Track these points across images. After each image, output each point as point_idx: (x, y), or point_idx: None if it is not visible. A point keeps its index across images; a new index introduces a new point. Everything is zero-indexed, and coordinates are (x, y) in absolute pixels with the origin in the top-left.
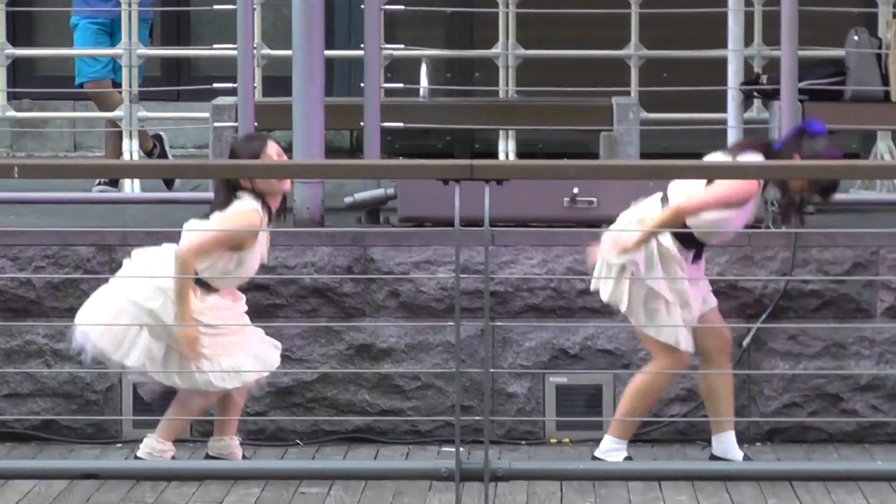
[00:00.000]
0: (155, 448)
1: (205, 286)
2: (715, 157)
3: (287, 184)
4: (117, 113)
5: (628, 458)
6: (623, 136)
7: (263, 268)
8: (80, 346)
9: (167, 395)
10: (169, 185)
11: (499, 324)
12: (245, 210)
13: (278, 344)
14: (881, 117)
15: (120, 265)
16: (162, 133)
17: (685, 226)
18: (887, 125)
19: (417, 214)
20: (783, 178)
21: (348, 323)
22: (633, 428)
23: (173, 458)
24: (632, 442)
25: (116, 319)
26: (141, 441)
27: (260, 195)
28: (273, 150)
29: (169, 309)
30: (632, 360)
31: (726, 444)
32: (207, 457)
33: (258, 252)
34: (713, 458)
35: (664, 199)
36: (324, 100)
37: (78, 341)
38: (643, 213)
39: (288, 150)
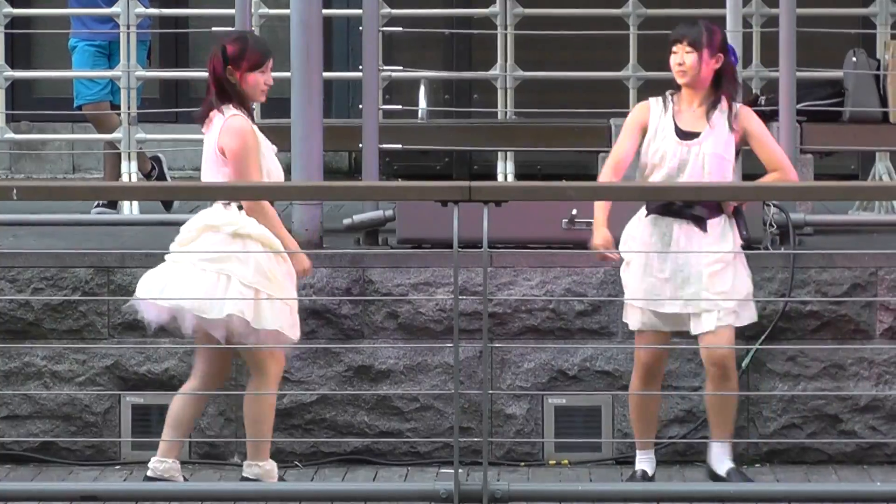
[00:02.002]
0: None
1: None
2: None
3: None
4: (116, 135)
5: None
6: None
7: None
8: (156, 319)
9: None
10: (167, 206)
11: (497, 345)
12: (238, 120)
13: None
14: (879, 138)
15: (119, 287)
16: (160, 155)
17: None
18: (886, 146)
19: (416, 236)
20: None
21: (347, 344)
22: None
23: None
24: (630, 463)
25: (200, 281)
26: (148, 462)
27: (242, 102)
28: (270, 66)
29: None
30: (630, 380)
31: (713, 455)
32: (243, 479)
33: (272, 156)
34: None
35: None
36: (322, 121)
37: (155, 315)
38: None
39: (287, 171)
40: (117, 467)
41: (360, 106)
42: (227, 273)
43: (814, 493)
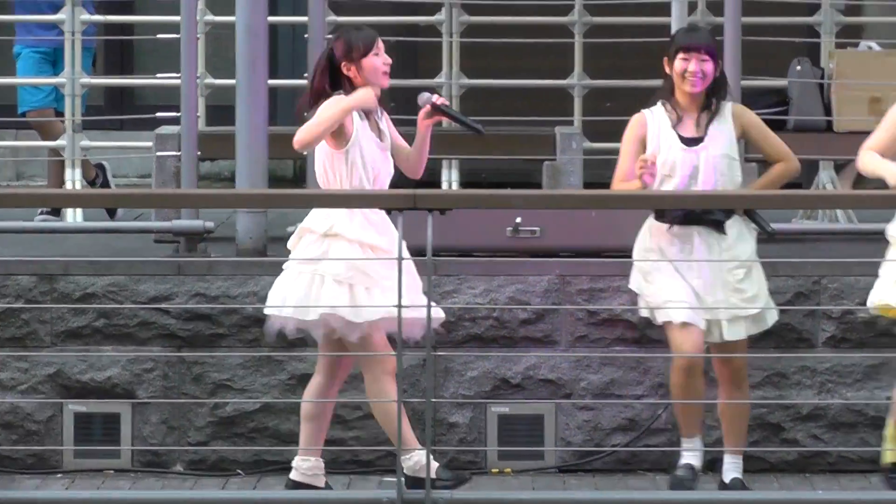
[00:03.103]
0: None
1: None
2: None
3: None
4: (60, 142)
5: None
6: (566, 166)
7: (205, 297)
8: (288, 332)
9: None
10: (112, 214)
11: (441, 353)
12: (331, 98)
13: None
14: (823, 147)
15: (62, 295)
16: (105, 162)
17: None
18: (829, 155)
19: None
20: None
21: (290, 352)
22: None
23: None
24: (572, 472)
25: (299, 285)
26: (81, 472)
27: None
28: (382, 47)
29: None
30: (573, 389)
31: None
32: (292, 483)
33: (368, 146)
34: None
35: None
36: (267, 129)
37: (280, 327)
38: None
39: (231, 179)
40: (59, 476)
41: (306, 114)
42: (320, 273)
43: (756, 502)
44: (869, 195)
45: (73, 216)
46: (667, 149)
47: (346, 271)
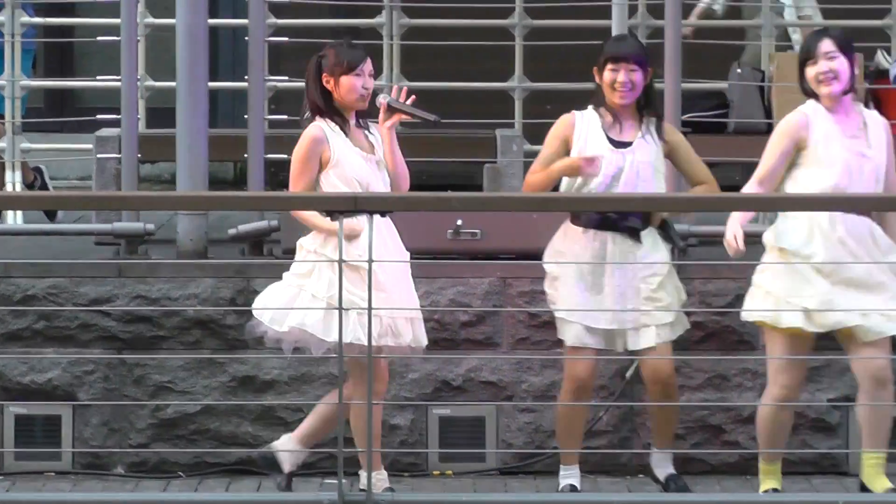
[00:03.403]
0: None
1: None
2: None
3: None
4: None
5: None
6: (507, 169)
7: (145, 299)
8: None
9: None
10: (51, 216)
11: (382, 356)
12: (310, 128)
13: None
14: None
15: (2, 297)
16: (42, 166)
17: None
18: None
19: None
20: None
21: (231, 355)
22: None
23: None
24: (513, 474)
25: (281, 294)
26: (22, 474)
27: (337, 111)
28: (368, 71)
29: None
30: (515, 391)
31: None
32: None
33: (360, 164)
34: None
35: None
36: (207, 131)
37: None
38: None
39: (171, 182)
40: (0, 478)
41: (246, 116)
42: (302, 286)
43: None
44: (807, 198)
45: (14, 218)
46: (594, 148)
47: (326, 289)
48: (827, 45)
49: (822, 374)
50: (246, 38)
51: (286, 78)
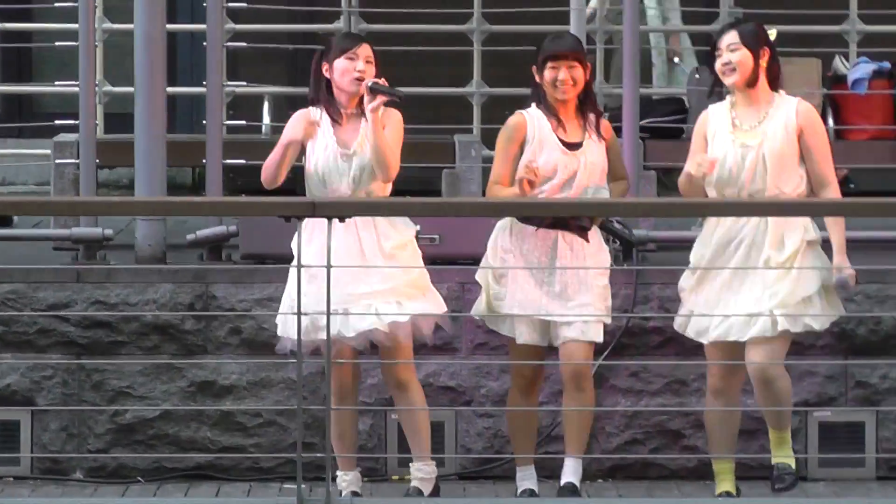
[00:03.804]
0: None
1: None
2: None
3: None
4: None
5: None
6: (465, 174)
7: (104, 305)
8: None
9: None
10: (6, 222)
11: (340, 361)
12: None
13: None
14: None
15: None
16: None
17: None
18: None
19: (259, 251)
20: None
21: (190, 360)
22: None
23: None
24: (472, 478)
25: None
26: None
27: (333, 101)
28: (363, 55)
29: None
30: (473, 396)
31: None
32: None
33: (324, 157)
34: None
35: None
36: (166, 137)
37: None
38: None
39: (129, 187)
40: None
41: (204, 121)
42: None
43: None
44: (767, 203)
45: None
46: (548, 150)
47: (288, 294)
48: (730, 37)
49: None
50: (204, 43)
51: (244, 83)
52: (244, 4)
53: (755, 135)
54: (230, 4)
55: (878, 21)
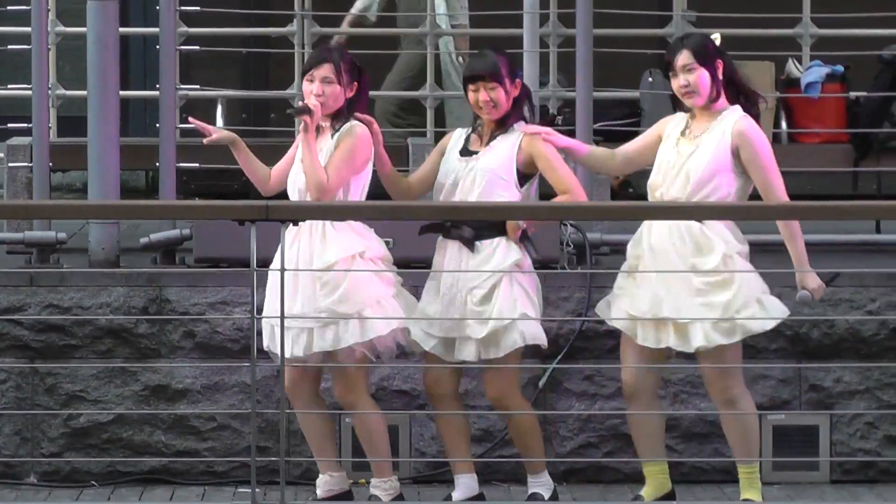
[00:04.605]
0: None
1: None
2: None
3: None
4: None
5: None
6: None
7: (57, 308)
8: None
9: None
10: None
11: (295, 364)
12: None
13: None
14: None
15: None
16: None
17: None
18: None
19: (213, 255)
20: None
21: (144, 364)
22: None
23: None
24: (427, 482)
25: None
26: None
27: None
28: (319, 75)
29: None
30: (427, 400)
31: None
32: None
33: (295, 169)
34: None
35: None
36: (119, 140)
37: None
38: None
39: (83, 190)
40: None
41: (157, 125)
42: None
43: None
44: (735, 206)
45: None
46: (448, 159)
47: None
48: (684, 57)
49: None
50: (157, 46)
51: (197, 87)
52: (197, 8)
53: (691, 145)
54: (183, 8)
55: (831, 24)
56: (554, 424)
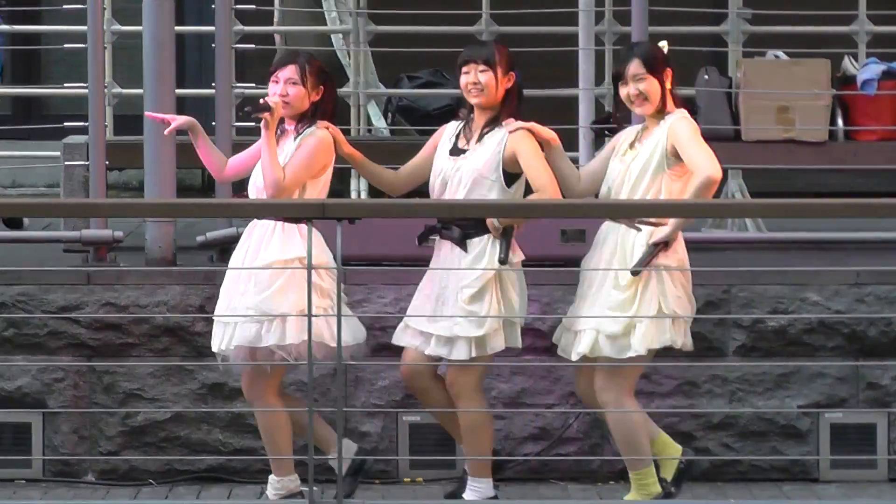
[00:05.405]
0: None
1: None
2: None
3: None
4: None
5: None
6: None
7: (114, 307)
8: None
9: None
10: (16, 224)
11: (351, 363)
12: None
13: None
14: (731, 156)
15: None
16: None
17: None
18: (737, 164)
19: None
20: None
21: (201, 362)
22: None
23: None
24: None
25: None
26: None
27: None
28: (283, 76)
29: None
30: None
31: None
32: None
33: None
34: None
35: None
36: (175, 138)
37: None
38: None
39: (139, 189)
40: None
41: (213, 123)
42: None
43: None
44: (778, 204)
45: None
46: (439, 157)
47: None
48: (635, 66)
49: (791, 381)
50: (213, 44)
51: (253, 85)
52: (253, 7)
53: (634, 153)
54: (238, 6)
55: (888, 21)
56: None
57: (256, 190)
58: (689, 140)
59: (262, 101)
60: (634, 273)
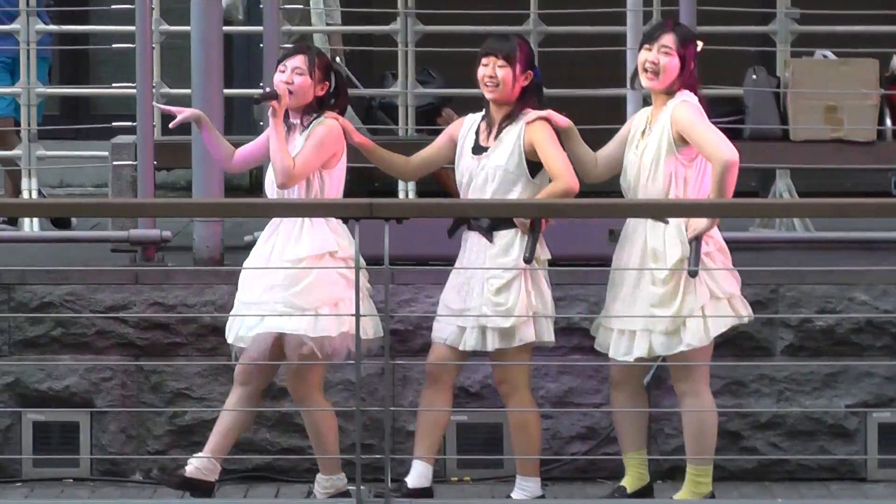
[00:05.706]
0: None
1: None
2: None
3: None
4: (16, 151)
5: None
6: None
7: (162, 306)
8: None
9: None
10: (64, 224)
11: (399, 362)
12: None
13: None
14: (780, 156)
15: (19, 304)
16: None
17: None
18: (786, 164)
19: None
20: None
21: (249, 361)
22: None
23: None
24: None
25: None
26: (40, 481)
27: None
28: (291, 66)
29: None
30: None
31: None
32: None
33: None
34: None
35: None
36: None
37: None
38: None
39: (187, 189)
40: (18, 485)
41: (261, 122)
42: None
43: None
44: (825, 203)
45: (30, 225)
46: (463, 155)
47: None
48: (667, 39)
49: (838, 381)
50: (260, 45)
51: None
52: (300, 6)
53: (644, 143)
54: (286, 6)
55: None
56: (659, 422)
57: (270, 184)
58: (693, 126)
59: (268, 89)
60: (692, 274)
